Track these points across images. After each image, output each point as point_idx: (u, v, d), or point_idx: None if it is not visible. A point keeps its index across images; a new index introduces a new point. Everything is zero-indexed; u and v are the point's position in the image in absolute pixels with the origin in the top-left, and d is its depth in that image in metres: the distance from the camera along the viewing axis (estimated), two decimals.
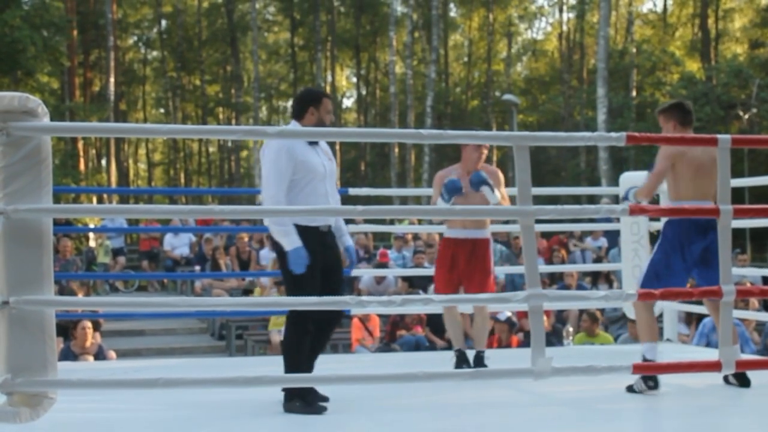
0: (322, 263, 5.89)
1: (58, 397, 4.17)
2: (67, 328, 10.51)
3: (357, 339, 12.44)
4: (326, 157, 6.00)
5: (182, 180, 44.82)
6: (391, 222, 19.15)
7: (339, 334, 13.79)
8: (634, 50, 36.81)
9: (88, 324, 10.01)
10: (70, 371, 6.89)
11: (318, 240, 5.87)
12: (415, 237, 18.04)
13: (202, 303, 6.24)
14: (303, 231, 5.76)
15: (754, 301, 12.53)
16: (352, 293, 14.17)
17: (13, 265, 3.97)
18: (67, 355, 9.81)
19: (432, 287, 7.65)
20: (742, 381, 6.44)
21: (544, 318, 4.83)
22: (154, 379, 4.32)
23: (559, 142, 4.97)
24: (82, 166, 33.87)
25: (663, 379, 6.42)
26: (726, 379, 6.46)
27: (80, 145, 34.02)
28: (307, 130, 5.40)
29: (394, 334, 12.64)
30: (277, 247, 5.91)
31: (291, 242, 5.73)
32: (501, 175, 7.42)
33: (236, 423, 5.60)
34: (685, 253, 6.27)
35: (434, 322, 12.79)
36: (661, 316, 9.68)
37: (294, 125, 5.91)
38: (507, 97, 29.75)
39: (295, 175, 5.79)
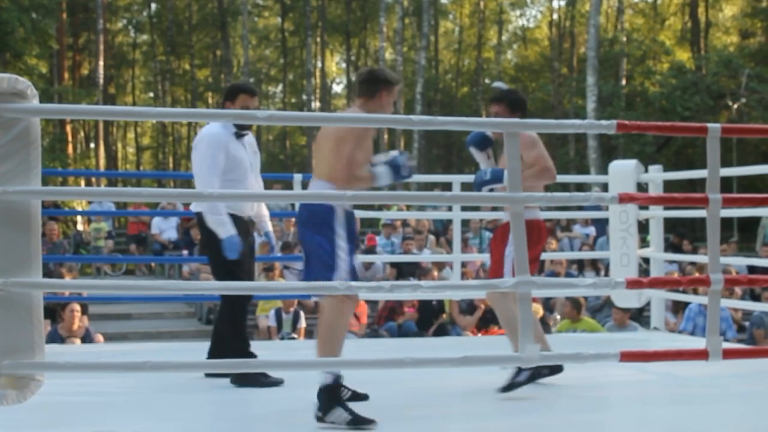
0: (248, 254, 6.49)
1: (45, 379, 4.16)
2: (54, 310, 10.49)
3: None
4: (251, 150, 6.52)
5: (171, 164, 44.59)
6: (380, 208, 19.14)
7: None
8: (625, 39, 36.80)
9: (77, 307, 9.99)
10: (57, 354, 6.89)
11: (243, 228, 6.40)
12: (404, 223, 18.04)
13: (189, 287, 6.23)
14: (233, 220, 6.30)
15: (737, 290, 12.60)
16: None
17: (0, 247, 3.96)
18: (55, 337, 9.79)
19: None
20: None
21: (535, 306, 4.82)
22: (141, 363, 4.32)
23: (550, 130, 4.97)
24: (70, 150, 33.77)
25: (651, 367, 6.44)
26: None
27: (69, 128, 33.88)
28: (297, 115, 5.39)
29: (389, 318, 12.69)
30: (206, 235, 6.38)
31: (227, 230, 6.22)
32: None
33: (223, 407, 5.60)
34: None
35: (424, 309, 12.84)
36: (648, 304, 9.72)
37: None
38: (497, 84, 29.72)
39: (226, 168, 6.27)
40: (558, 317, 12.38)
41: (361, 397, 5.70)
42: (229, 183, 6.29)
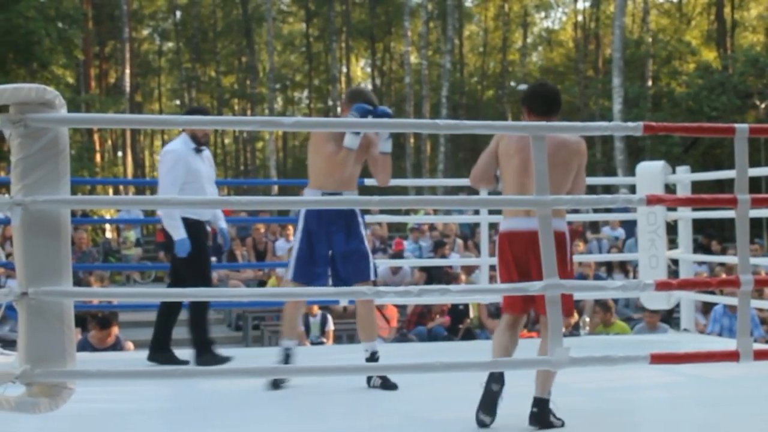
0: (203, 251, 7.44)
1: (77, 387, 4.18)
2: (84, 319, 10.53)
3: None
4: (209, 163, 7.55)
5: None
6: (407, 212, 19.15)
7: (354, 324, 13.81)
8: (650, 40, 36.69)
9: (116, 330, 10.02)
10: (88, 362, 6.92)
11: (201, 229, 7.44)
12: (432, 227, 18.03)
13: (218, 294, 6.26)
14: (193, 224, 7.28)
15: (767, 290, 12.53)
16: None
17: (31, 256, 3.98)
18: (85, 346, 9.83)
19: None
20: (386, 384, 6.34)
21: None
22: (172, 370, 4.34)
23: (576, 132, 4.96)
24: (98, 159, 33.94)
25: (681, 369, 6.40)
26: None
27: (96, 137, 34.08)
28: (322, 121, 5.42)
29: (418, 323, 12.70)
30: (167, 238, 7.40)
31: (179, 233, 7.18)
32: None
33: (254, 412, 5.62)
34: (324, 244, 6.44)
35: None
36: (678, 305, 9.67)
37: (183, 135, 7.45)
38: (522, 87, 29.68)
39: (186, 180, 7.22)
40: (587, 320, 12.33)
41: (390, 386, 6.29)
42: (190, 192, 7.21)
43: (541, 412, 5.24)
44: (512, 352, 5.46)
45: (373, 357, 6.40)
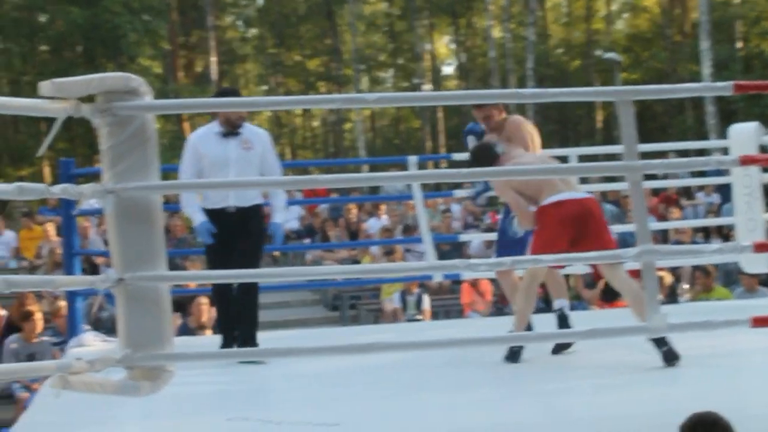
0: (224, 241, 6.87)
1: (176, 370, 4.23)
2: (183, 304, 10.67)
3: (467, 303, 12.46)
4: (241, 147, 6.94)
5: (289, 154, 44.92)
6: None
7: (449, 300, 13.82)
8: (738, 0, 35.95)
9: (203, 300, 10.14)
10: (186, 346, 7.00)
11: (221, 220, 6.89)
12: None
13: (313, 272, 6.29)
14: (207, 213, 6.92)
15: None
16: (461, 257, 14.18)
17: (125, 243, 4.04)
18: (185, 331, 9.96)
19: None
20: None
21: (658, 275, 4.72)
22: (270, 350, 4.37)
23: (664, 95, 4.87)
24: None
25: None
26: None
27: (186, 125, 34.46)
28: (404, 96, 5.41)
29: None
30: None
31: (197, 219, 6.93)
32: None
33: (352, 390, 5.63)
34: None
35: None
36: None
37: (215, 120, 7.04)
38: (609, 55, 29.32)
39: (200, 165, 6.93)
40: (686, 287, 12.16)
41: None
42: (207, 179, 6.93)
43: (668, 348, 5.53)
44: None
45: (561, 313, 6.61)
